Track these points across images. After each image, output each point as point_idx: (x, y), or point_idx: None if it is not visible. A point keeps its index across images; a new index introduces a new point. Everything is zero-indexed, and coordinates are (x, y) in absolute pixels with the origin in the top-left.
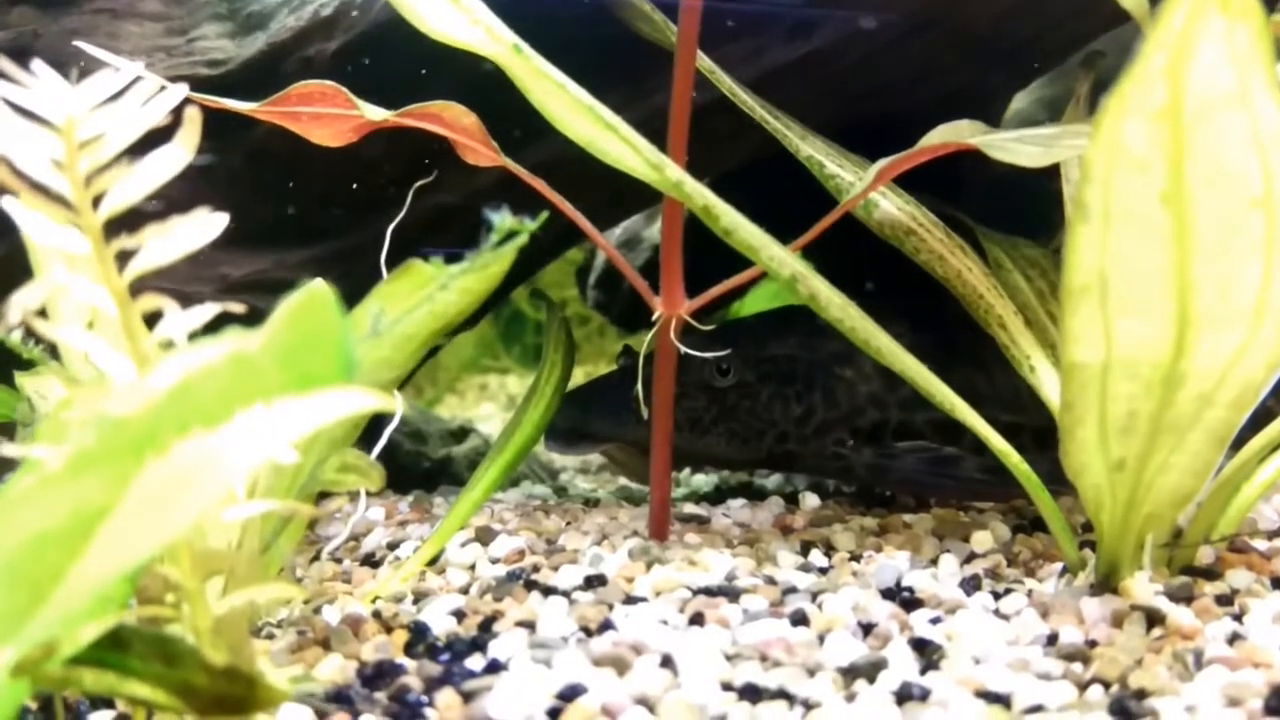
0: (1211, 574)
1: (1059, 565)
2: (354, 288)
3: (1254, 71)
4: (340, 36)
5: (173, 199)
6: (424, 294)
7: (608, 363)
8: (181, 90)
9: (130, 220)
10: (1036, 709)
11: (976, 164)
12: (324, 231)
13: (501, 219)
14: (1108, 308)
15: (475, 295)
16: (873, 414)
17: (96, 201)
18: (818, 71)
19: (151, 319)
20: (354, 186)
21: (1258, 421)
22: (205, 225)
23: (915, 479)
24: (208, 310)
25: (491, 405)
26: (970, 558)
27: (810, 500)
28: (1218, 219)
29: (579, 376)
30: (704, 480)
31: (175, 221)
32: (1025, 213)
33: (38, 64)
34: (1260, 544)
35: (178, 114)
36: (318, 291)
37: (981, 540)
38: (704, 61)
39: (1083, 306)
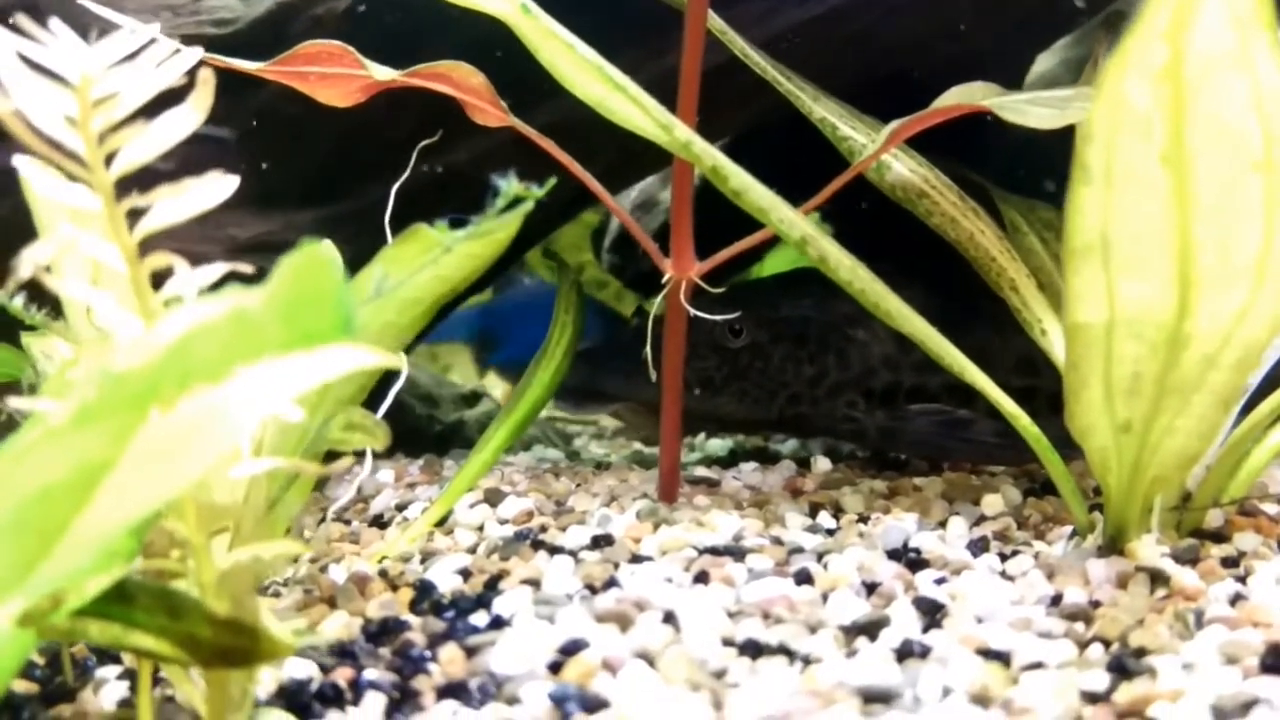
0: (1219, 537)
1: (1068, 528)
2: (362, 250)
3: (1255, 33)
4: None
5: (182, 159)
6: (428, 257)
7: None
8: (196, 52)
9: (141, 180)
10: (1035, 666)
11: (1000, 128)
12: (331, 193)
13: (508, 185)
14: (1110, 268)
15: (481, 260)
16: (886, 376)
17: (109, 160)
18: (835, 29)
19: (158, 280)
20: (363, 148)
21: (1270, 385)
22: (216, 187)
23: (928, 442)
24: (215, 270)
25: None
26: (979, 520)
27: (822, 464)
28: (1218, 181)
29: None
30: (719, 444)
31: (186, 183)
32: (1051, 175)
33: (55, 22)
34: (1270, 507)
35: (191, 75)
36: (318, 250)
37: (991, 503)
38: (715, 22)
39: (1085, 267)
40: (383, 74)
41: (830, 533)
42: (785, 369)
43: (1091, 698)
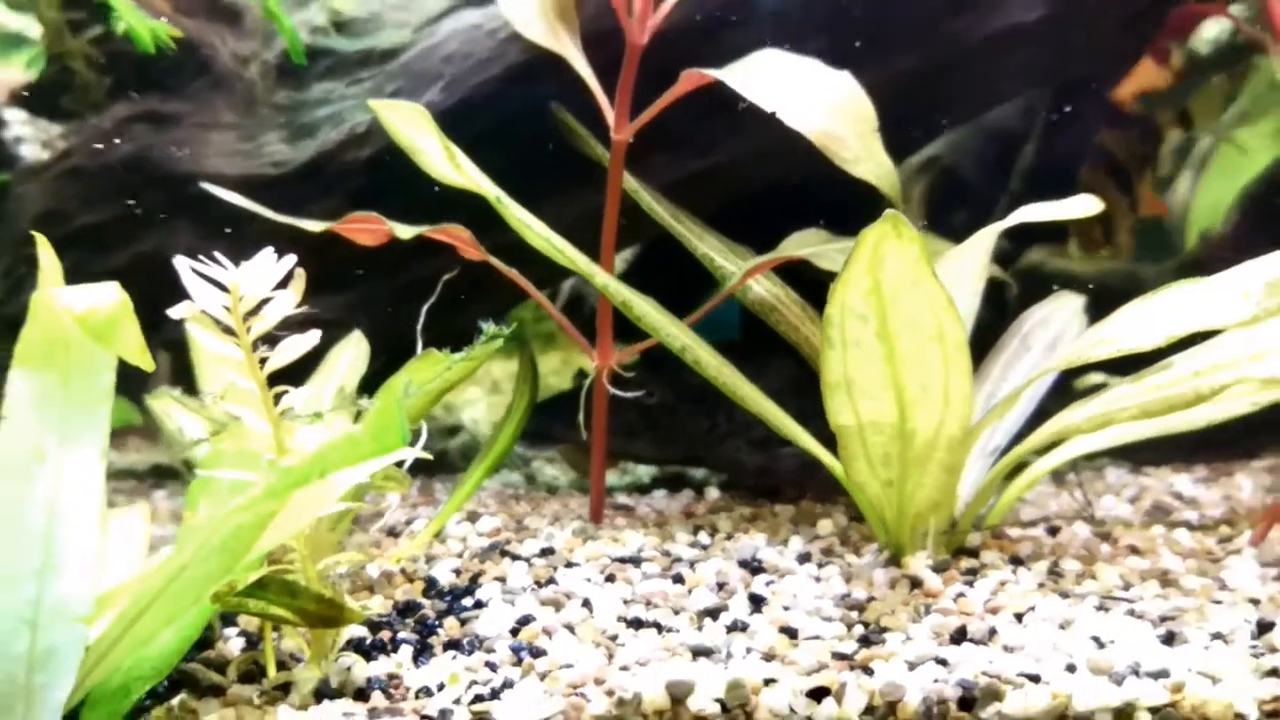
0: (973, 553)
1: (875, 545)
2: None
3: (919, 267)
4: (370, 147)
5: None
6: (436, 372)
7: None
8: (291, 260)
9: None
10: (814, 638)
11: None
12: (361, 284)
13: (488, 328)
14: (853, 395)
15: (468, 370)
16: (761, 429)
17: (248, 328)
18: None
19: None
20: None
21: (1038, 419)
22: (306, 339)
23: (791, 478)
24: (295, 346)
25: (478, 389)
26: (813, 539)
27: (712, 493)
28: (912, 347)
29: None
30: (645, 470)
31: (289, 339)
32: None
33: (219, 256)
34: (1014, 531)
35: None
36: (391, 398)
37: (825, 526)
38: (630, 182)
39: (837, 394)
40: (403, 231)
41: (704, 547)
42: (687, 422)
43: (839, 655)
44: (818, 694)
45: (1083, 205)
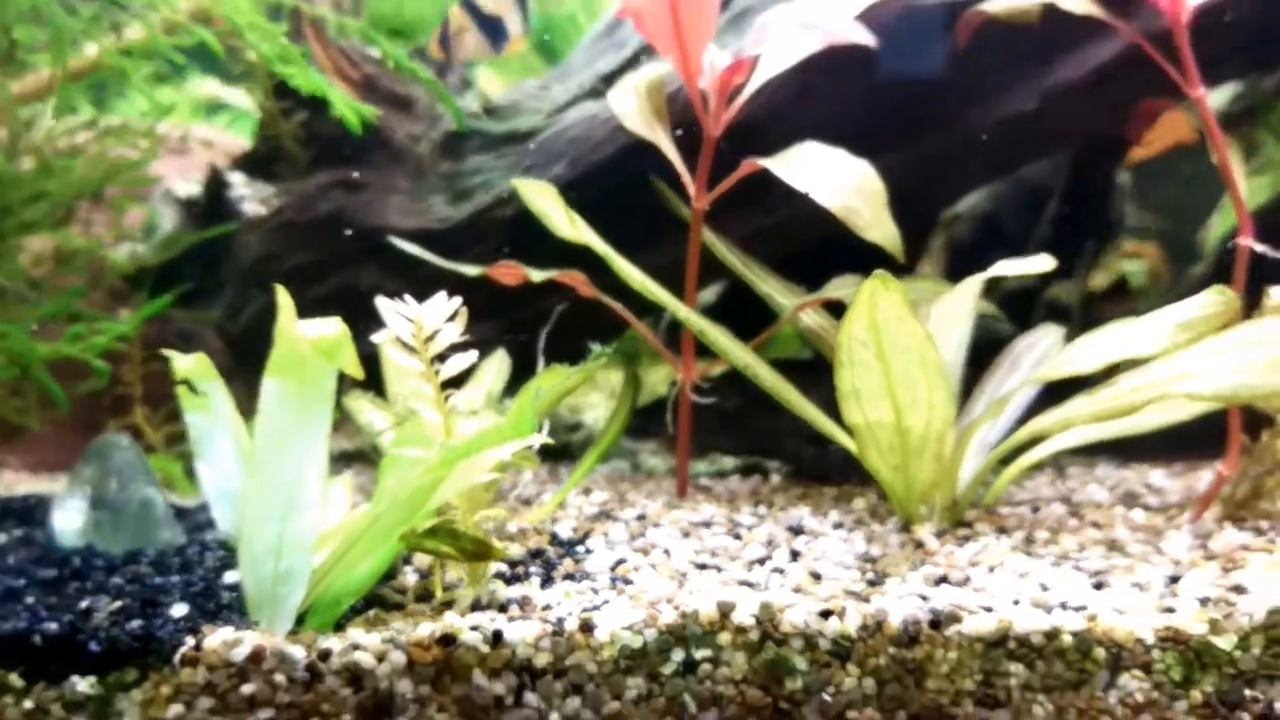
0: (969, 525)
1: (894, 518)
2: (517, 345)
3: (904, 309)
4: (512, 208)
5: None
6: (558, 381)
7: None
8: (455, 303)
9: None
10: (834, 579)
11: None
12: (504, 314)
13: (596, 348)
14: (860, 401)
15: (581, 379)
16: (814, 429)
17: (428, 347)
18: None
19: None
20: (520, 295)
21: (1026, 418)
22: (466, 356)
23: (837, 467)
24: (458, 362)
25: (599, 395)
26: (848, 512)
27: (775, 479)
28: (902, 367)
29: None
30: (729, 461)
31: (457, 356)
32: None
33: (407, 297)
34: (1005, 509)
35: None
36: (525, 400)
37: (859, 503)
38: (708, 236)
39: (848, 401)
40: (536, 275)
41: (761, 517)
42: (757, 422)
43: (849, 592)
44: (825, 614)
45: (1042, 263)
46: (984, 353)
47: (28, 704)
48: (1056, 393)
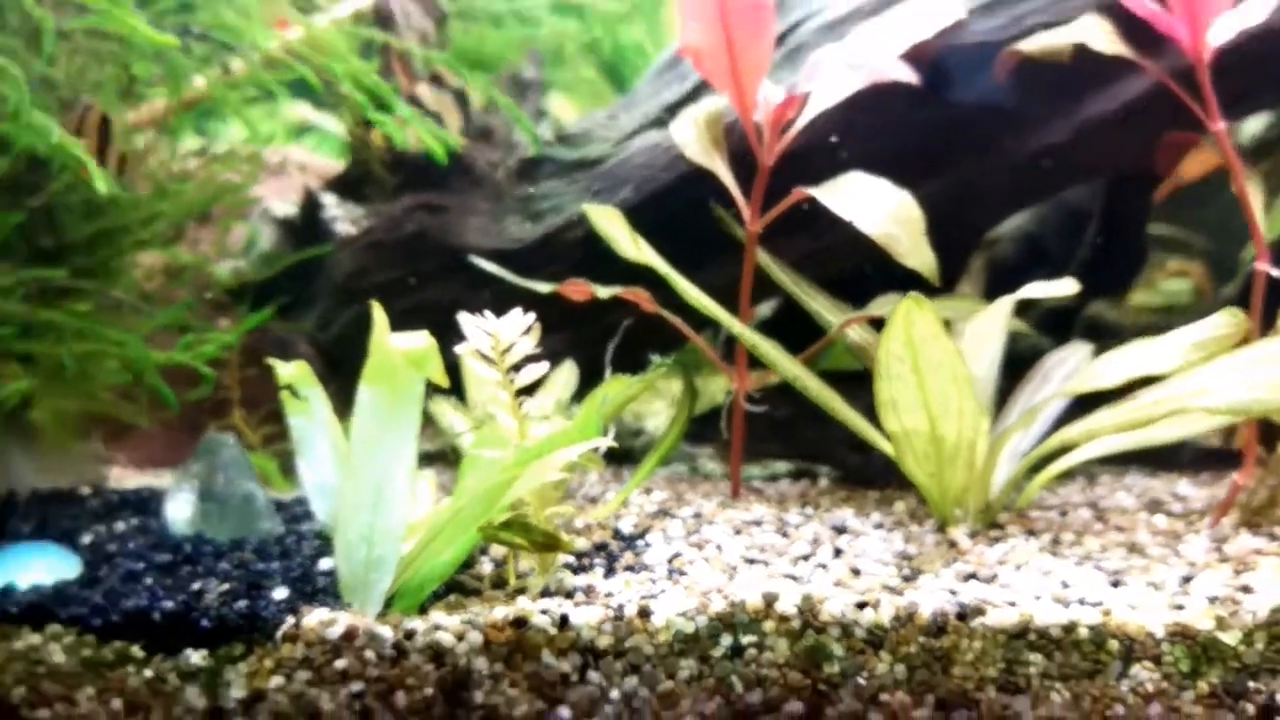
0: (1001, 527)
1: (931, 519)
2: (585, 356)
3: (937, 328)
4: (581, 230)
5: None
6: (621, 390)
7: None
8: (529, 319)
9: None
10: (871, 574)
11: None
12: (573, 328)
13: (656, 359)
14: (898, 411)
15: (643, 388)
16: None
17: (505, 359)
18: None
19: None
20: (588, 310)
21: (1056, 425)
22: (538, 367)
23: (881, 473)
24: (531, 372)
25: (661, 403)
26: (889, 514)
27: (823, 483)
28: (937, 382)
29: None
30: (782, 466)
31: (530, 366)
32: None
33: (488, 312)
34: (1035, 513)
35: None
36: (592, 407)
37: (900, 507)
38: (762, 257)
39: (886, 411)
40: (602, 292)
41: (808, 517)
42: (807, 430)
43: (886, 587)
44: (861, 605)
45: (1067, 287)
46: (1025, 366)
47: (148, 673)
48: (1086, 405)
